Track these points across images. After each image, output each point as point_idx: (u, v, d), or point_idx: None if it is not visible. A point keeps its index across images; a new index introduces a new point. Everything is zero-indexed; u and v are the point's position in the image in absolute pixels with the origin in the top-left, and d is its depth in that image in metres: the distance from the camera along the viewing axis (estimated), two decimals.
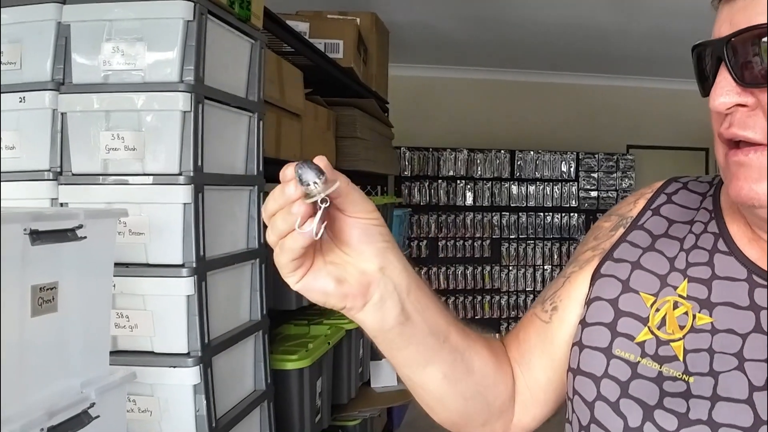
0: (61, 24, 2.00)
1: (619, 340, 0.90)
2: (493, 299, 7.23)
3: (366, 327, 0.88)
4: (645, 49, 6.10)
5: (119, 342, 1.97)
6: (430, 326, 0.90)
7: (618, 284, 0.94)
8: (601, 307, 0.94)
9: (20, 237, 1.26)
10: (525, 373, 1.04)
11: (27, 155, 2.03)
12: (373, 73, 4.70)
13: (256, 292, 2.40)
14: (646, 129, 7.56)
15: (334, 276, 0.81)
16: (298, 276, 0.79)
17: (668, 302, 0.89)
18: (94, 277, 1.56)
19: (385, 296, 0.85)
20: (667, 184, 1.04)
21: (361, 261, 0.83)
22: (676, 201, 1.00)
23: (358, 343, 3.50)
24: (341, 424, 3.61)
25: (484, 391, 1.00)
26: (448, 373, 0.95)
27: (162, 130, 1.95)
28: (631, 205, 1.04)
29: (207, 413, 1.98)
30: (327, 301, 0.82)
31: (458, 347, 0.95)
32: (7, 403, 1.25)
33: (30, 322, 1.31)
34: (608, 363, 0.90)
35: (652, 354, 0.87)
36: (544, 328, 1.03)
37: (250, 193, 2.37)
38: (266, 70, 2.46)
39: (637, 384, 0.87)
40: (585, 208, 7.23)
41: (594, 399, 0.89)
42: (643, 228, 0.99)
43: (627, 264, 0.95)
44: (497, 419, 1.03)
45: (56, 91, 2.00)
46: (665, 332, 0.88)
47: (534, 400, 1.04)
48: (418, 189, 7.12)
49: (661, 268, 0.93)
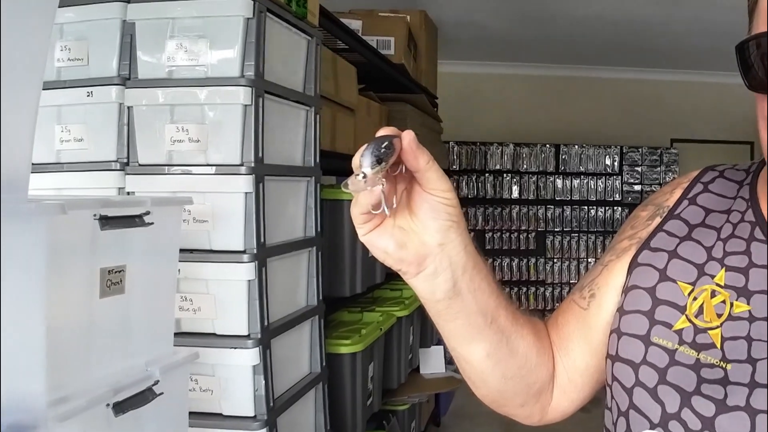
0: (126, 22, 2.02)
1: (657, 327, 0.88)
2: (538, 291, 7.16)
3: (417, 293, 0.89)
4: (688, 42, 5.98)
5: (183, 324, 1.99)
6: (479, 306, 0.90)
7: (655, 273, 0.92)
8: (639, 296, 0.92)
9: (90, 222, 1.27)
10: (563, 358, 1.02)
11: (95, 147, 2.06)
12: (422, 69, 4.68)
13: (313, 278, 2.41)
14: (690, 123, 7.40)
15: (396, 239, 0.83)
16: (366, 229, 0.82)
17: (706, 291, 0.87)
18: (160, 261, 1.58)
19: (438, 270, 0.85)
20: (704, 173, 1.01)
21: (424, 233, 0.84)
22: (713, 190, 0.97)
23: (408, 330, 3.49)
24: (391, 408, 3.61)
25: (525, 373, 0.98)
26: (492, 353, 0.94)
27: (224, 122, 1.97)
28: (668, 195, 1.01)
29: (265, 393, 1.99)
30: (385, 260, 0.84)
31: (505, 329, 0.94)
32: (73, 379, 1.26)
33: (98, 303, 1.33)
34: (646, 350, 0.88)
35: (689, 341, 0.85)
36: (583, 314, 1.01)
37: (308, 184, 2.38)
38: (322, 66, 2.46)
39: (675, 371, 0.85)
40: (628, 201, 7.10)
41: (633, 385, 0.88)
42: (679, 217, 0.96)
43: (664, 253, 0.93)
44: (536, 401, 1.02)
45: (122, 86, 2.02)
46: (703, 320, 0.85)
47: (572, 385, 1.02)
48: (465, 182, 7.08)
49: (699, 257, 0.90)
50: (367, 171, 0.74)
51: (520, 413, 1.04)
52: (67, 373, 1.25)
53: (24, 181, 1.06)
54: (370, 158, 0.74)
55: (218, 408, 2.00)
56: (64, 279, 1.23)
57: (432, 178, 0.80)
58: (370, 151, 0.74)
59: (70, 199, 1.28)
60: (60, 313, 1.22)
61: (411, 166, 0.79)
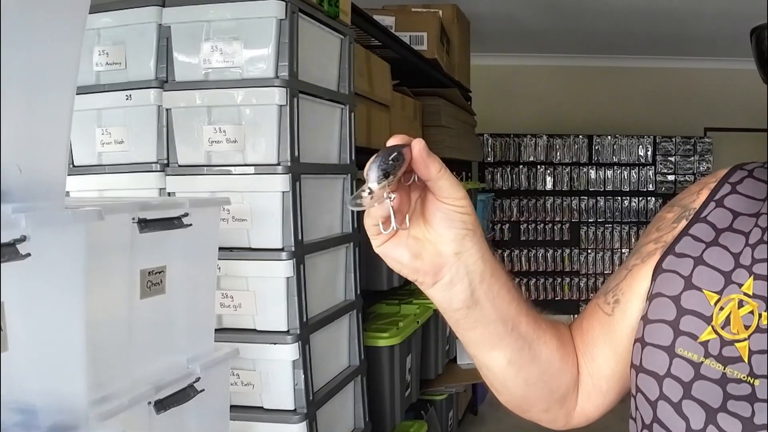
0: (162, 26, 2.03)
1: (682, 338, 0.82)
2: (573, 281, 7.07)
3: (435, 302, 0.87)
4: (718, 29, 5.85)
5: (224, 320, 2.00)
6: (499, 313, 0.87)
7: (680, 280, 0.86)
8: (663, 304, 0.86)
9: (128, 225, 1.27)
10: (588, 363, 0.98)
11: (135, 148, 2.07)
12: (455, 63, 4.65)
13: (351, 273, 2.41)
14: (723, 111, 7.24)
15: (411, 250, 0.81)
16: (380, 240, 0.80)
17: (733, 300, 0.81)
18: (200, 260, 1.58)
19: (455, 280, 0.83)
20: (732, 173, 0.93)
21: (440, 242, 0.81)
22: (741, 191, 0.90)
23: (445, 322, 3.47)
24: (429, 398, 3.61)
25: (549, 379, 0.95)
26: (513, 359, 0.91)
27: (260, 123, 1.97)
28: (694, 196, 0.94)
29: (305, 387, 1.99)
30: (401, 270, 0.82)
31: (527, 336, 0.90)
32: (115, 378, 1.26)
33: (139, 303, 1.33)
34: (671, 362, 0.82)
35: (715, 354, 0.79)
36: (607, 320, 0.96)
37: (344, 180, 2.37)
38: (356, 64, 2.45)
39: (700, 385, 0.79)
40: (662, 192, 6.97)
41: (657, 398, 0.83)
42: (706, 221, 0.89)
43: (689, 259, 0.87)
44: (560, 407, 0.98)
45: (160, 89, 2.03)
46: (729, 332, 0.79)
47: (597, 390, 0.98)
48: (500, 174, 7.01)
49: (726, 264, 0.84)
50: (374, 186, 0.70)
51: (544, 418, 1.00)
52: (108, 373, 1.26)
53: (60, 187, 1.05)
54: (376, 172, 0.70)
55: (259, 401, 2.01)
56: (104, 281, 1.24)
57: (444, 187, 0.77)
58: (376, 165, 0.70)
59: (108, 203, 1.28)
60: (100, 314, 1.22)
61: (422, 176, 0.76)
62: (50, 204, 1.03)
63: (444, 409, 3.77)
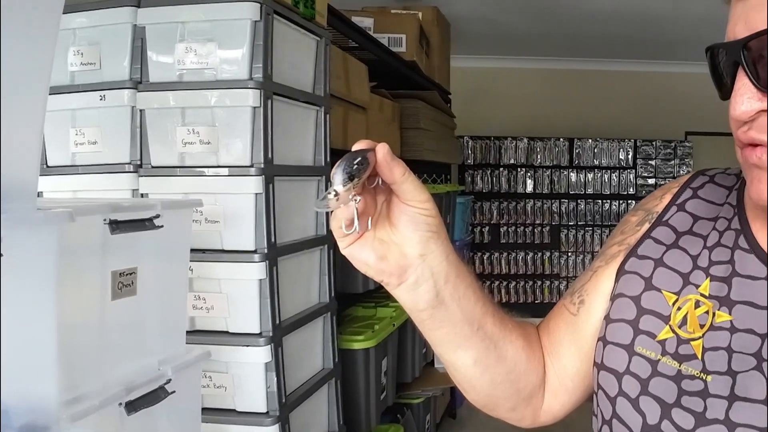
0: (137, 26, 2.04)
1: (641, 337, 0.87)
2: (553, 284, 7.14)
3: (401, 303, 0.90)
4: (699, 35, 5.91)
5: (197, 322, 2.01)
6: (464, 314, 0.90)
7: (641, 281, 0.91)
8: (624, 304, 0.91)
9: (100, 227, 1.28)
10: (554, 362, 1.01)
11: (109, 149, 2.09)
12: (435, 65, 4.68)
13: (325, 276, 2.42)
14: (704, 115, 7.29)
15: (377, 252, 0.83)
16: (346, 242, 0.83)
17: (690, 301, 0.85)
18: (171, 262, 1.59)
19: (420, 281, 0.86)
20: (694, 178, 0.98)
21: (405, 244, 0.84)
22: (702, 196, 0.95)
23: None
24: (406, 401, 3.63)
25: (515, 378, 0.98)
26: (479, 359, 0.94)
27: (234, 124, 1.98)
28: (658, 200, 0.99)
29: (277, 389, 2.01)
30: (367, 271, 0.85)
31: (492, 336, 0.94)
32: (86, 379, 1.28)
33: (110, 305, 1.34)
34: (630, 360, 0.87)
35: (672, 352, 0.84)
36: (573, 320, 1.00)
37: (318, 183, 2.38)
38: (332, 65, 2.47)
39: (657, 382, 0.84)
40: (642, 195, 6.90)
41: (616, 395, 0.87)
42: (667, 224, 0.94)
43: (650, 261, 0.91)
44: (526, 405, 1.02)
45: (134, 90, 2.04)
46: (686, 331, 0.84)
47: (563, 389, 1.02)
48: (480, 177, 7.07)
49: (685, 266, 0.89)
50: (339, 188, 0.73)
51: (511, 416, 1.03)
52: (79, 374, 1.27)
53: (32, 187, 1.07)
54: (341, 175, 0.73)
55: (231, 404, 2.03)
56: (75, 282, 1.25)
57: (408, 190, 0.81)
58: (342, 168, 0.74)
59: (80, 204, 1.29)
60: (72, 315, 1.24)
61: (387, 179, 0.79)
62: (22, 205, 1.04)
63: (421, 413, 3.79)
